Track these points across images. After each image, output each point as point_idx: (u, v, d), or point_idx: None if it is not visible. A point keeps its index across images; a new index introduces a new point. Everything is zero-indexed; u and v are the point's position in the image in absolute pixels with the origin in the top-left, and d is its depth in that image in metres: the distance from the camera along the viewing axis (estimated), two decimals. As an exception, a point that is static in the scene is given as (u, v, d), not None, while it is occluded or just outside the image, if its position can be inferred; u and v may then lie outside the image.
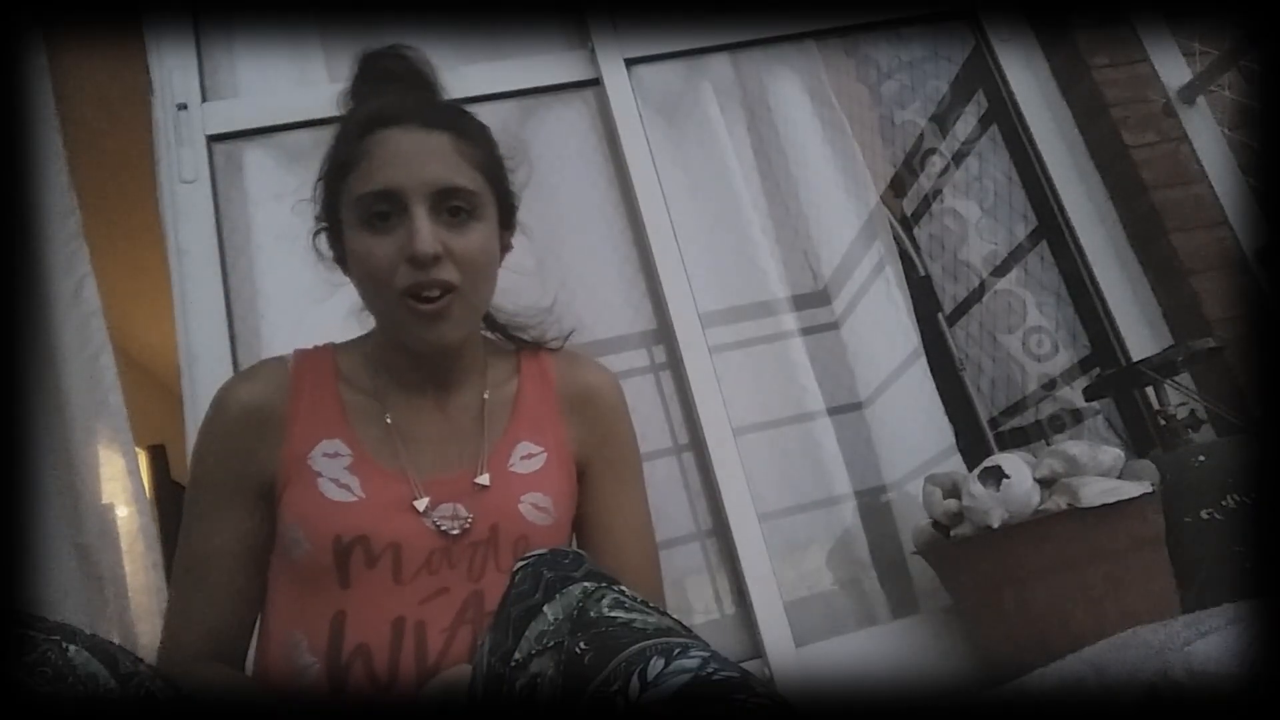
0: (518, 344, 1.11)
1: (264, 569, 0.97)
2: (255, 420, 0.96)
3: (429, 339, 0.93)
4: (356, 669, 0.87)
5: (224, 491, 0.96)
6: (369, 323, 1.06)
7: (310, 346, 1.05)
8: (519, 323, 1.11)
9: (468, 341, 1.02)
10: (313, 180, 1.02)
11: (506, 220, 1.05)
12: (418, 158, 0.93)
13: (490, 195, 0.99)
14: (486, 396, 1.03)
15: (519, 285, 1.14)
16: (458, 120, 0.99)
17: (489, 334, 1.12)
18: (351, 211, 0.94)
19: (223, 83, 1.61)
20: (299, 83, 1.63)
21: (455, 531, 0.93)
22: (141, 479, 1.49)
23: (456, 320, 0.94)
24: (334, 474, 0.93)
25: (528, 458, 1.00)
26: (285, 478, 0.94)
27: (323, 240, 1.03)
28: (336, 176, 0.97)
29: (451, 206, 0.93)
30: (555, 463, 1.01)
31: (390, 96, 1.00)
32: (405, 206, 0.91)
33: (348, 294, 1.06)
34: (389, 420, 0.99)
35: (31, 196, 1.42)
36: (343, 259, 1.01)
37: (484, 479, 0.96)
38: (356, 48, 1.65)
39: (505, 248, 1.06)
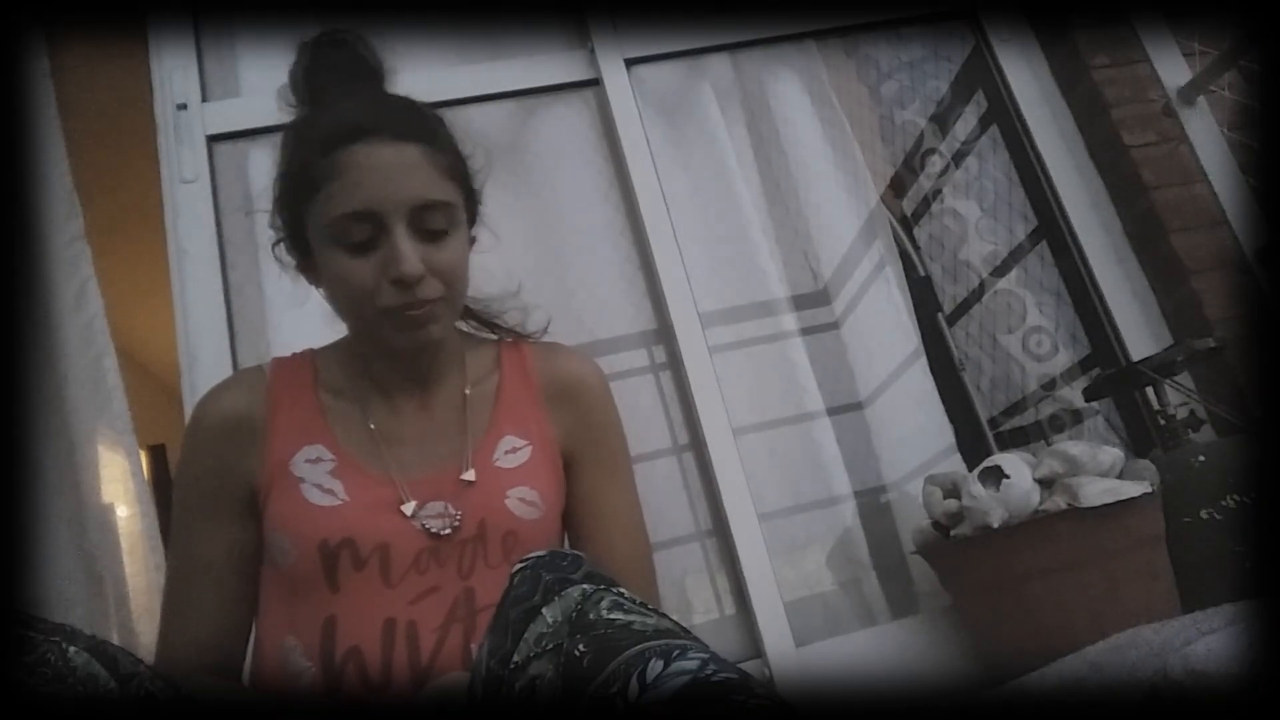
0: (497, 334, 1.10)
1: (254, 578, 0.96)
2: (234, 430, 0.96)
3: (414, 341, 0.93)
4: (349, 672, 0.87)
5: (208, 503, 0.96)
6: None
7: (288, 354, 1.05)
8: (492, 309, 1.11)
9: (446, 336, 1.02)
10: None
11: (473, 219, 1.03)
12: (393, 175, 0.89)
13: (462, 202, 0.97)
14: (468, 392, 1.03)
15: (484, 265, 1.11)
16: (425, 127, 0.95)
17: (463, 325, 1.11)
18: (324, 233, 0.90)
19: (225, 82, 1.61)
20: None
21: (446, 531, 0.93)
22: (145, 480, 1.50)
23: (440, 323, 0.94)
24: (317, 479, 0.93)
25: (512, 452, 1.00)
26: (268, 486, 0.94)
27: (282, 250, 1.00)
28: (301, 195, 0.92)
29: (429, 221, 0.91)
30: (541, 455, 1.01)
31: (351, 104, 0.95)
32: (385, 227, 0.89)
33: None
34: (371, 424, 0.98)
35: (34, 199, 1.42)
36: (306, 268, 0.99)
37: (469, 475, 0.96)
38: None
39: (471, 242, 1.04)
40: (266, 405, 0.98)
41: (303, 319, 1.40)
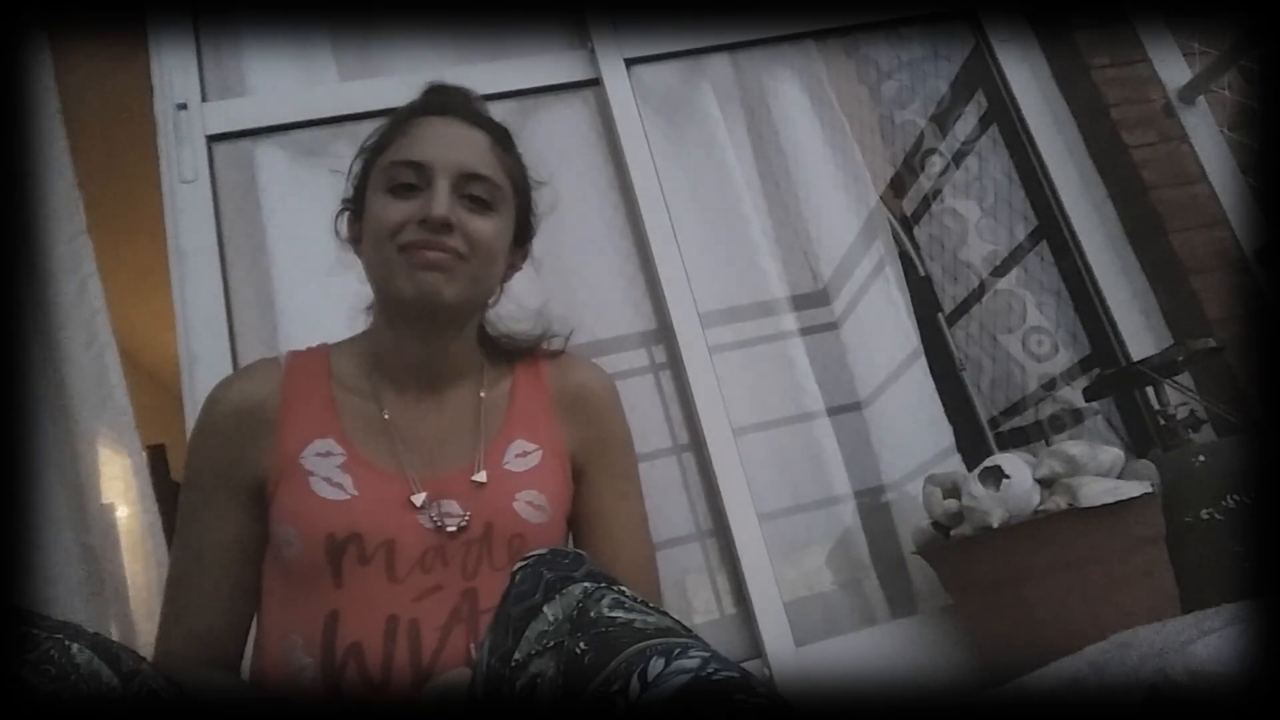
0: (514, 351, 1.11)
1: (258, 569, 0.97)
2: (247, 420, 0.97)
3: (423, 287, 0.93)
4: (350, 668, 0.87)
5: (217, 492, 0.96)
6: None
7: (304, 348, 1.06)
8: (512, 338, 1.12)
9: (461, 339, 1.02)
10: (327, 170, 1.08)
11: (521, 237, 1.07)
12: (453, 142, 0.98)
13: (511, 198, 1.02)
14: (483, 395, 1.03)
15: (517, 315, 1.15)
16: (498, 128, 1.05)
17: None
18: (379, 178, 0.98)
19: (228, 82, 1.61)
20: (303, 82, 1.63)
21: (452, 529, 0.93)
22: (147, 478, 1.49)
23: (453, 280, 0.95)
24: (326, 473, 0.93)
25: (522, 456, 1.00)
26: (277, 477, 0.94)
27: (343, 222, 1.06)
28: (374, 151, 1.02)
29: (473, 193, 0.97)
30: (550, 460, 1.01)
31: (437, 94, 1.07)
32: (430, 180, 0.95)
33: (357, 290, 1.06)
34: (386, 415, 0.99)
35: (36, 194, 1.42)
36: (356, 237, 1.03)
37: (481, 476, 0.96)
38: (359, 47, 1.67)
39: (514, 265, 1.08)
40: (280, 397, 0.98)
41: (304, 319, 1.41)
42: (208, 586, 0.94)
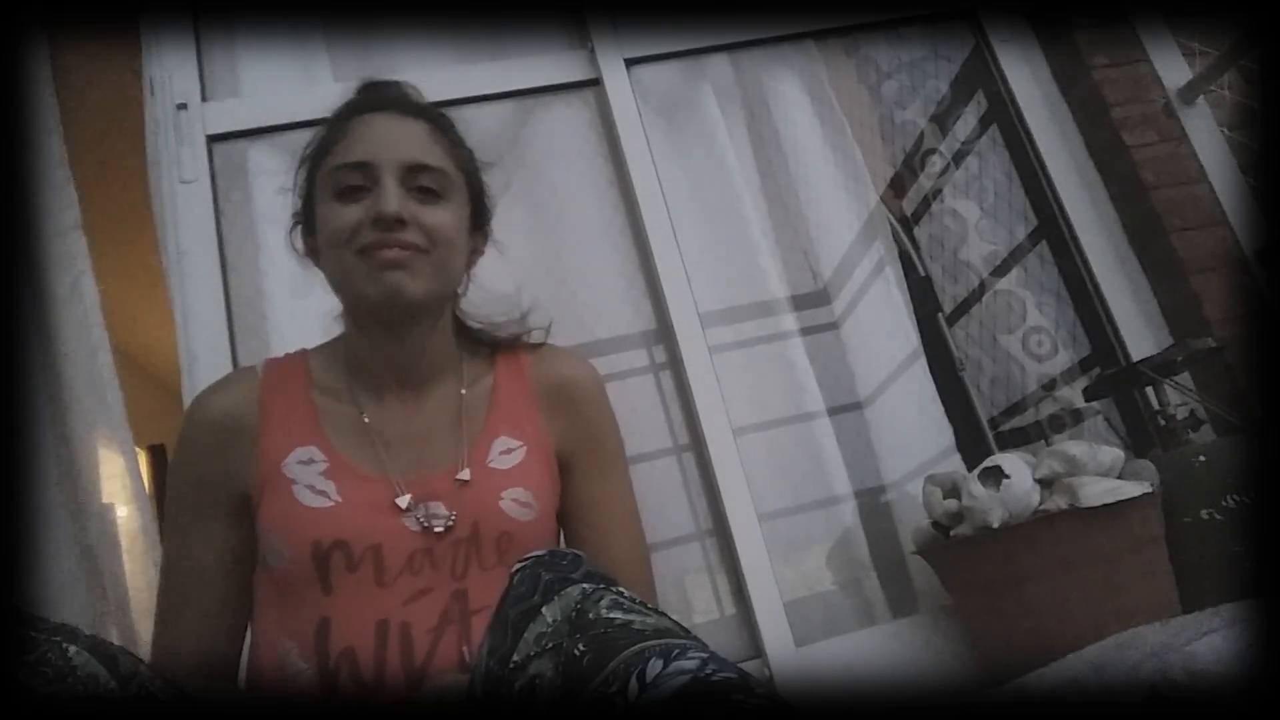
0: (494, 344, 1.10)
1: (247, 580, 0.96)
2: (227, 432, 0.96)
3: (386, 288, 0.92)
4: (343, 674, 0.86)
5: (200, 506, 0.96)
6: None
7: (282, 354, 1.05)
8: (492, 326, 1.11)
9: (435, 334, 1.01)
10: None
11: (479, 221, 1.06)
12: (394, 136, 0.97)
13: (462, 184, 1.01)
14: (464, 392, 1.03)
15: (492, 301, 1.14)
16: (435, 115, 1.03)
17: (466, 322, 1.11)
18: (326, 185, 0.96)
19: (225, 82, 1.61)
20: (303, 81, 1.63)
21: (439, 530, 0.92)
22: (141, 478, 1.49)
23: (416, 275, 0.93)
24: (309, 480, 0.93)
25: (506, 453, 1.00)
26: (260, 488, 0.94)
27: (298, 236, 1.04)
28: (316, 158, 1.00)
29: (422, 185, 0.95)
30: (535, 456, 1.01)
31: (372, 91, 1.05)
32: (377, 178, 0.93)
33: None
34: (366, 419, 0.98)
35: (30, 191, 1.42)
36: (314, 251, 1.02)
37: (465, 474, 0.96)
38: (358, 47, 1.67)
39: (476, 250, 1.07)
40: (259, 406, 0.98)
41: (303, 319, 1.41)
42: (197, 600, 0.94)
